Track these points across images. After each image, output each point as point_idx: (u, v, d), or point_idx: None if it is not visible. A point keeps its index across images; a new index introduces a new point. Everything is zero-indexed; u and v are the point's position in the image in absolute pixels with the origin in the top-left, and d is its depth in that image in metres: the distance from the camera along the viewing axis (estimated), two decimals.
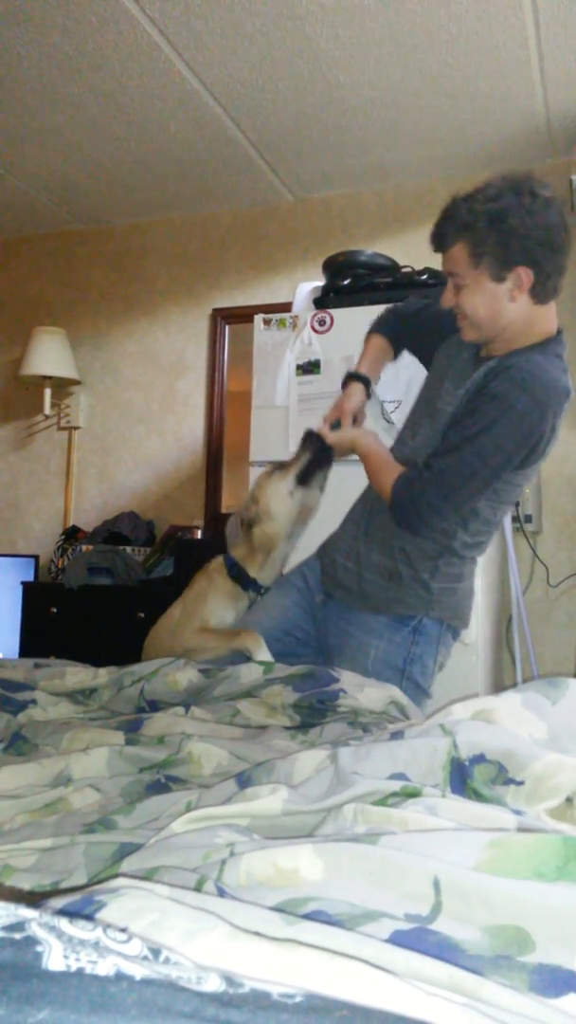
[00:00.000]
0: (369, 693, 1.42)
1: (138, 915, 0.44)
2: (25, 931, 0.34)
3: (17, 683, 1.49)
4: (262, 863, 0.60)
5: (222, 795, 0.90)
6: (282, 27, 2.44)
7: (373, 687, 1.46)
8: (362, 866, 0.56)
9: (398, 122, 2.94)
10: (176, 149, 3.16)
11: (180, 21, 2.42)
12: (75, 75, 2.70)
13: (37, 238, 3.98)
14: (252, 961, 0.39)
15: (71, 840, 0.82)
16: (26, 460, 3.89)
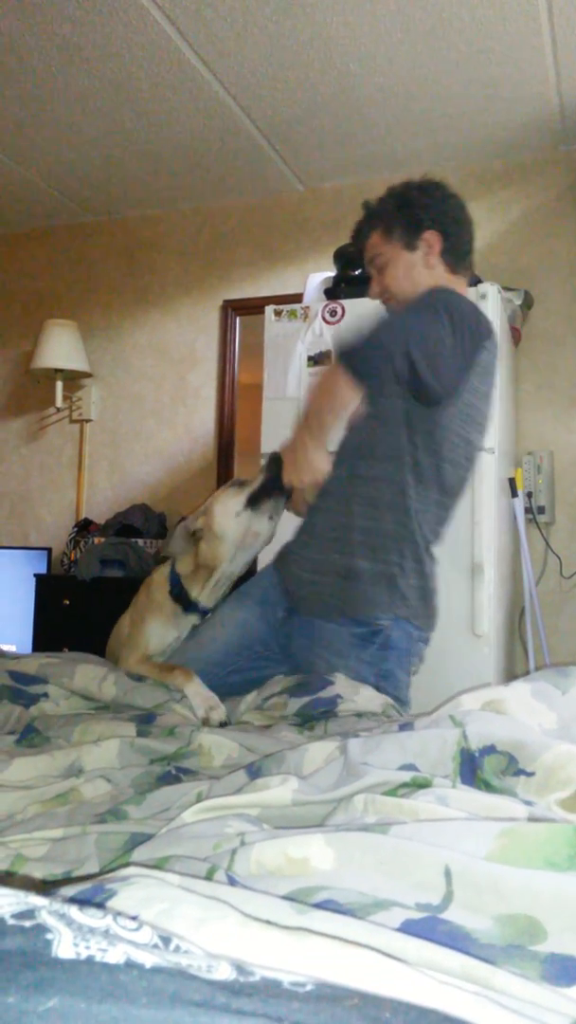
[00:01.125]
0: (365, 696, 1.42)
1: (148, 903, 0.44)
2: (35, 919, 0.34)
3: (30, 676, 1.50)
4: (273, 852, 0.60)
5: (232, 786, 0.90)
6: (292, 16, 2.43)
7: (367, 690, 1.46)
8: (373, 855, 0.56)
9: (409, 110, 2.92)
10: (186, 140, 3.15)
11: (190, 11, 2.41)
12: (85, 67, 2.70)
13: (48, 231, 3.98)
14: (263, 949, 0.39)
15: (83, 830, 0.83)
16: (38, 453, 3.91)
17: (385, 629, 1.63)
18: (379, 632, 1.62)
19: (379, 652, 1.62)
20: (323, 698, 1.39)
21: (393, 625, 1.63)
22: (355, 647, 1.62)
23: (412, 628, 1.67)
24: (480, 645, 2.43)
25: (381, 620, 1.63)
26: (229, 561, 1.70)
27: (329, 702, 1.38)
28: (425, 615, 1.70)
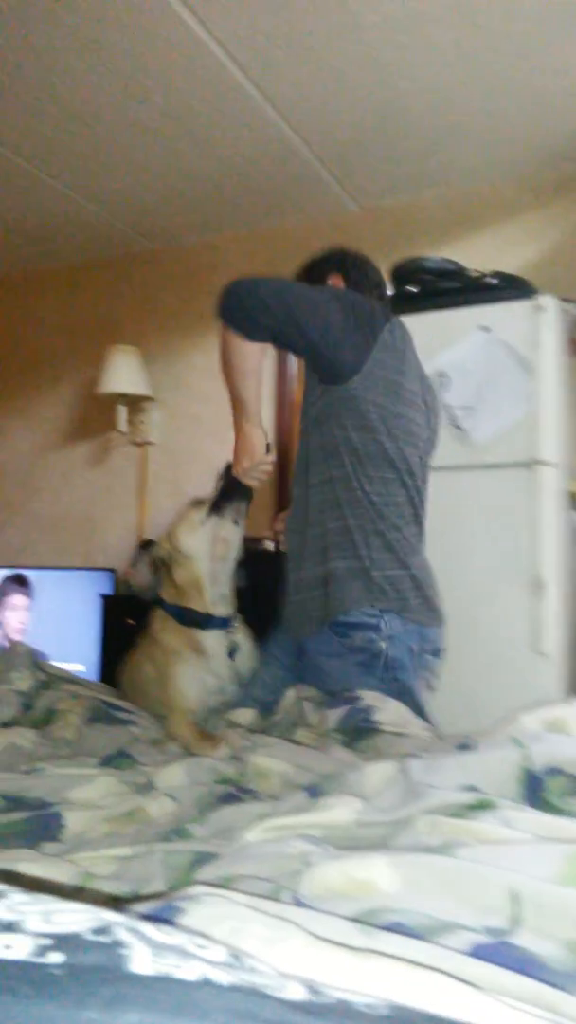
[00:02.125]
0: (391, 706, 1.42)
1: (218, 922, 0.45)
2: (111, 934, 0.35)
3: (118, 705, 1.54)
4: (337, 873, 0.60)
5: (293, 806, 0.90)
6: (344, 38, 2.46)
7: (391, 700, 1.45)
8: (438, 877, 0.56)
9: (462, 125, 2.92)
10: (243, 166, 3.21)
11: (245, 39, 2.47)
12: (144, 100, 2.78)
13: (110, 261, 4.09)
14: (332, 970, 0.40)
15: (148, 849, 0.84)
16: (102, 476, 4.00)
17: (383, 649, 1.59)
18: (378, 654, 1.59)
19: (385, 674, 1.59)
20: (359, 708, 1.39)
21: (388, 643, 1.59)
22: (361, 675, 1.58)
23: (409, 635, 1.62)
24: (544, 663, 2.38)
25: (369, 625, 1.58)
26: (210, 578, 1.65)
27: (366, 711, 1.38)
28: (419, 608, 1.65)
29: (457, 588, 2.33)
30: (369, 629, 1.59)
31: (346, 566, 1.60)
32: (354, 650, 1.59)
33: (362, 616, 1.59)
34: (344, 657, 1.60)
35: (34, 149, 3.10)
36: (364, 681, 1.56)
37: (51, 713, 1.47)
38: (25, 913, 0.35)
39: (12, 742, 1.31)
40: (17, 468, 4.21)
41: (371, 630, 1.59)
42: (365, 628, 1.59)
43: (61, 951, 0.32)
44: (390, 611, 1.60)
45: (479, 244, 3.26)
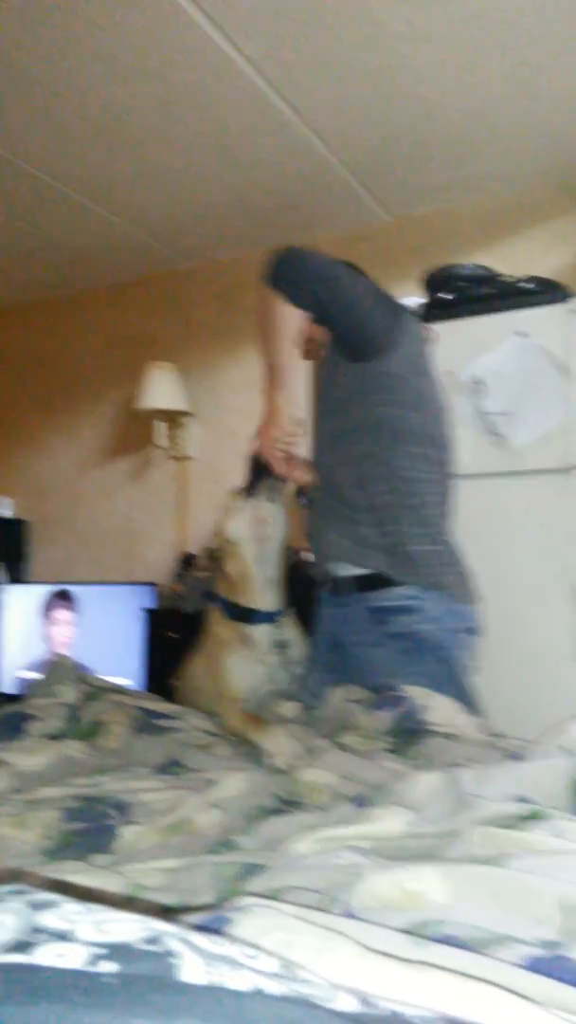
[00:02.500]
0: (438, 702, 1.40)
1: (268, 933, 0.45)
2: (162, 944, 0.35)
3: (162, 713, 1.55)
4: (387, 884, 0.60)
5: (341, 817, 0.90)
6: (372, 50, 2.47)
7: (436, 696, 1.43)
8: (490, 889, 0.55)
9: (493, 131, 2.91)
10: (275, 181, 3.23)
11: (273, 56, 2.49)
12: (177, 120, 2.82)
13: (146, 279, 4.15)
14: (384, 982, 0.39)
15: (196, 860, 0.84)
16: (142, 491, 4.04)
17: (426, 632, 1.57)
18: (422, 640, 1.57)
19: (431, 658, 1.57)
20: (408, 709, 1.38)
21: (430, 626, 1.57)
22: (408, 663, 1.56)
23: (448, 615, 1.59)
24: None
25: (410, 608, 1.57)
26: (257, 561, 1.65)
27: (415, 711, 1.36)
28: (454, 584, 1.63)
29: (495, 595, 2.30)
30: (410, 612, 1.58)
31: (386, 542, 1.60)
32: (396, 637, 1.58)
33: (402, 599, 1.58)
34: (386, 646, 1.58)
35: (70, 171, 3.17)
36: (410, 669, 1.54)
37: (97, 724, 1.49)
38: (78, 923, 0.36)
39: (62, 754, 1.32)
40: (59, 485, 4.28)
41: (412, 613, 1.58)
42: (407, 612, 1.58)
43: (113, 960, 0.33)
44: (428, 590, 1.59)
45: (513, 249, 3.23)
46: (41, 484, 4.33)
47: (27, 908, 0.37)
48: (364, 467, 1.62)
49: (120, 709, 1.53)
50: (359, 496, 1.62)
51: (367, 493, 1.61)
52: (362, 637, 1.61)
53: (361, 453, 1.63)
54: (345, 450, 1.65)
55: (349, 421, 1.65)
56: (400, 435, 1.62)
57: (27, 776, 1.24)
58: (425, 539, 1.61)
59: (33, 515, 4.32)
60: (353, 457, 1.64)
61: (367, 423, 1.62)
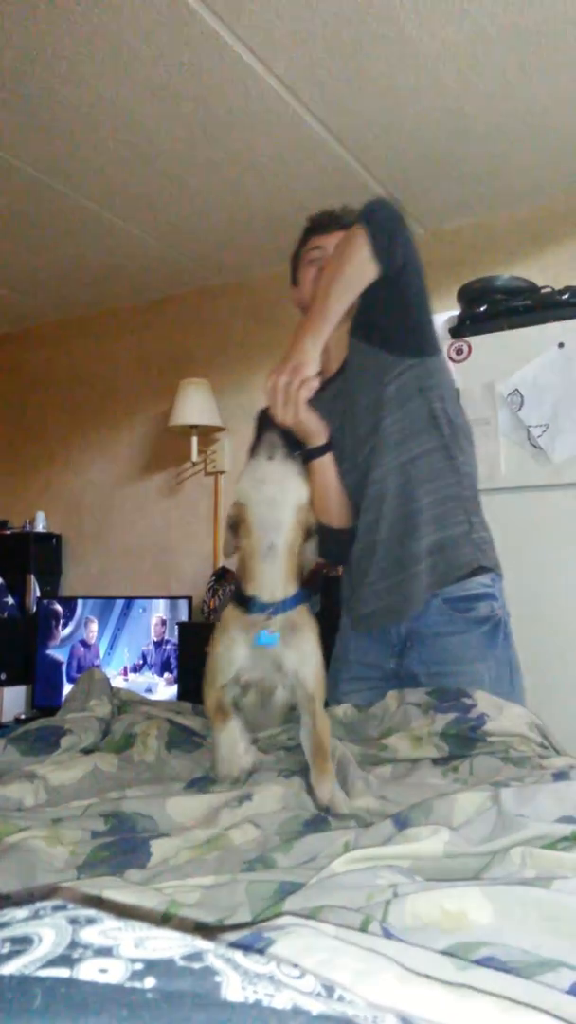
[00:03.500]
0: (509, 714, 1.36)
1: (308, 953, 0.44)
2: (203, 961, 0.35)
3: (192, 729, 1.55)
4: (428, 905, 0.59)
5: (380, 836, 0.88)
6: (404, 68, 2.48)
7: (511, 707, 1.40)
8: (535, 911, 0.54)
9: (527, 144, 2.90)
10: (307, 198, 3.25)
11: (306, 75, 2.52)
12: (209, 140, 2.86)
13: (180, 296, 4.20)
14: (426, 1005, 0.38)
15: (233, 878, 0.84)
16: (177, 506, 4.07)
17: (501, 616, 1.59)
18: (499, 623, 1.59)
19: (504, 644, 1.59)
20: (469, 716, 1.35)
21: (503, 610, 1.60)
22: (487, 647, 1.57)
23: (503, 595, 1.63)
24: None
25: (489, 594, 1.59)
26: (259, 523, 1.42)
27: (477, 720, 1.33)
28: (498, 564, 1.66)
29: (535, 608, 2.26)
30: (490, 598, 1.60)
31: (460, 531, 1.60)
32: (479, 621, 1.58)
33: (480, 586, 1.59)
34: (468, 632, 1.58)
35: (104, 191, 3.22)
36: (487, 654, 1.56)
37: (129, 737, 1.49)
38: (119, 939, 0.36)
39: (95, 767, 1.32)
40: (95, 500, 4.32)
41: (491, 599, 1.60)
42: (487, 598, 1.59)
43: (155, 976, 0.32)
44: (498, 575, 1.62)
45: (550, 261, 3.21)
46: (76, 499, 4.38)
47: (67, 923, 0.37)
48: (434, 461, 1.61)
49: (152, 722, 1.53)
50: (430, 489, 1.60)
51: (440, 485, 1.60)
52: (445, 627, 1.60)
53: (428, 448, 1.61)
54: (409, 446, 1.62)
55: (410, 417, 1.62)
56: (459, 430, 1.64)
57: (60, 790, 1.24)
58: (485, 527, 1.65)
59: (68, 530, 4.37)
60: (420, 453, 1.61)
61: (431, 418, 1.61)
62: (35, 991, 0.31)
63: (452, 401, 1.66)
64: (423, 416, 1.62)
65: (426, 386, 1.62)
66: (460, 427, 1.65)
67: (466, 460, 1.65)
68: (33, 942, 0.35)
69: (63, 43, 2.39)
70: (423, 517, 1.61)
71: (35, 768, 1.29)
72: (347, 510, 1.69)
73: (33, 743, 1.42)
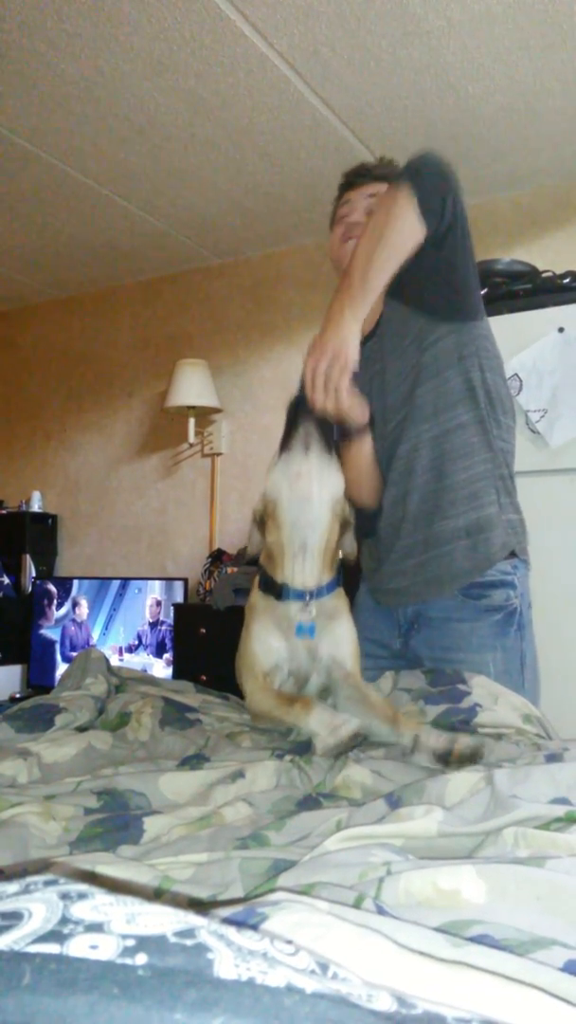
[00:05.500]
0: (504, 704, 1.35)
1: (301, 929, 0.44)
2: (195, 938, 0.35)
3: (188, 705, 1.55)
4: (422, 883, 0.59)
5: (373, 815, 0.88)
6: (408, 45, 2.45)
7: (508, 696, 1.38)
8: (529, 890, 0.54)
9: (532, 126, 2.87)
10: (307, 177, 3.22)
11: (308, 51, 2.48)
12: (209, 116, 2.82)
13: (177, 276, 4.16)
14: (421, 982, 0.38)
15: (226, 855, 0.84)
16: (173, 487, 4.06)
17: (517, 606, 1.52)
18: (513, 612, 1.52)
19: (517, 634, 1.52)
20: (461, 708, 1.34)
21: (521, 601, 1.52)
22: (497, 638, 1.51)
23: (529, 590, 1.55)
24: None
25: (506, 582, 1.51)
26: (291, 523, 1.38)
27: (468, 712, 1.32)
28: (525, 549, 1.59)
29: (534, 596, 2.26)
30: (507, 586, 1.52)
31: (491, 512, 1.52)
32: (491, 609, 1.51)
33: (498, 573, 1.52)
34: (479, 619, 1.52)
35: (102, 168, 3.19)
36: (500, 644, 1.50)
37: (124, 716, 1.49)
38: (110, 914, 0.35)
39: (89, 745, 1.32)
40: (91, 481, 4.31)
41: (508, 587, 1.52)
42: (503, 586, 1.52)
43: (147, 953, 0.32)
44: (522, 562, 1.54)
45: (552, 244, 3.19)
46: (72, 479, 4.37)
47: (58, 899, 0.36)
48: (469, 434, 1.52)
49: (147, 701, 1.53)
50: (468, 464, 1.52)
51: (477, 460, 1.52)
52: (455, 612, 1.54)
53: (464, 421, 1.52)
54: (446, 416, 1.53)
55: (447, 386, 1.52)
56: (498, 403, 1.54)
57: (53, 768, 1.24)
58: (515, 509, 1.57)
59: (64, 510, 4.36)
60: (457, 425, 1.53)
61: (462, 390, 1.52)
62: (24, 967, 0.31)
63: (494, 371, 1.55)
64: (460, 386, 1.52)
65: (465, 354, 1.52)
66: (499, 399, 1.55)
67: (502, 435, 1.55)
68: (23, 917, 0.34)
69: (63, 17, 2.35)
70: (454, 495, 1.53)
71: (29, 745, 1.29)
72: (379, 488, 1.61)
73: (28, 721, 1.42)
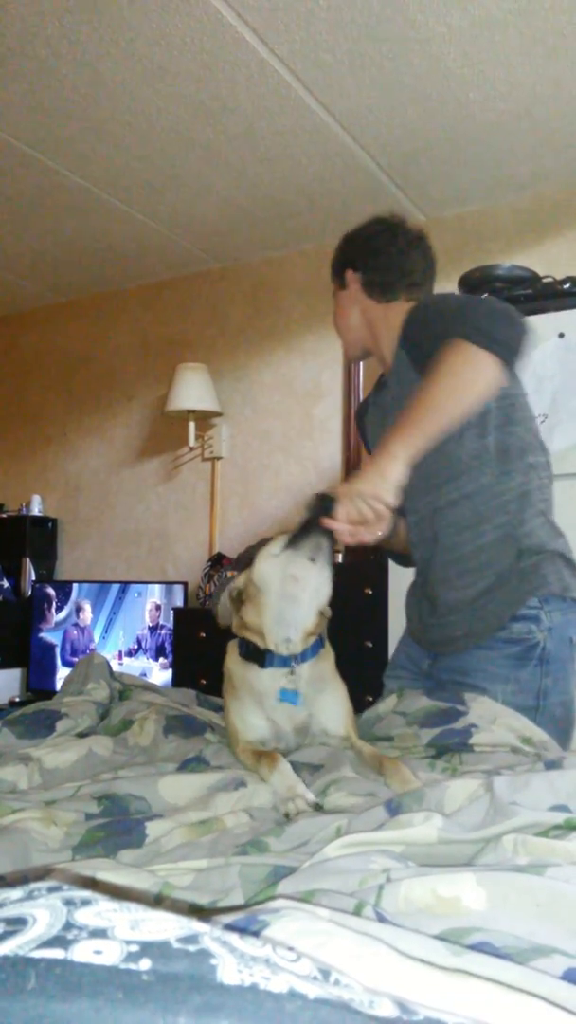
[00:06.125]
0: (502, 725, 1.35)
1: (303, 936, 0.44)
2: (199, 943, 0.35)
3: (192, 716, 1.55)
4: (422, 890, 0.59)
5: (372, 821, 0.89)
6: (409, 51, 2.46)
7: (509, 717, 1.38)
8: (529, 898, 0.54)
9: (532, 132, 2.88)
10: (308, 182, 3.23)
11: (308, 57, 2.49)
12: (210, 121, 2.83)
13: (178, 280, 4.17)
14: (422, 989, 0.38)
15: (225, 861, 0.84)
16: (174, 491, 4.06)
17: (540, 641, 1.51)
18: (534, 646, 1.51)
19: (537, 669, 1.51)
20: (456, 729, 1.34)
21: (547, 635, 1.51)
22: (513, 670, 1.51)
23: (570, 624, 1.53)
24: None
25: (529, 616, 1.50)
26: (276, 618, 1.39)
27: (463, 732, 1.33)
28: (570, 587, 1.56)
29: None
30: (529, 620, 1.52)
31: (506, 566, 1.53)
32: (509, 642, 1.53)
33: (522, 607, 1.52)
34: (495, 649, 1.53)
35: (103, 173, 3.19)
36: (513, 676, 1.50)
37: (128, 723, 1.49)
38: (114, 920, 0.36)
39: (91, 750, 1.33)
40: (91, 485, 4.31)
41: (531, 621, 1.52)
42: (525, 619, 1.52)
43: (151, 958, 0.32)
44: (559, 599, 1.53)
45: (551, 250, 3.20)
46: (72, 483, 4.37)
47: (62, 904, 0.37)
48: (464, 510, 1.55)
49: (150, 707, 1.53)
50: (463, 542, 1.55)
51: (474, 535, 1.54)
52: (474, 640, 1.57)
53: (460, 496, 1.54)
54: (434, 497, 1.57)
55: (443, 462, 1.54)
56: (524, 453, 1.56)
57: (54, 773, 1.25)
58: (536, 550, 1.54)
59: (64, 514, 4.36)
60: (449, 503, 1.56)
61: (468, 459, 1.54)
62: (29, 972, 0.31)
63: (521, 423, 1.56)
64: (465, 455, 1.53)
65: (506, 407, 1.53)
66: (528, 448, 1.55)
67: (530, 480, 1.55)
68: (27, 923, 0.35)
69: (64, 22, 2.36)
70: (468, 565, 1.55)
71: (30, 751, 1.29)
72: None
73: (29, 726, 1.43)
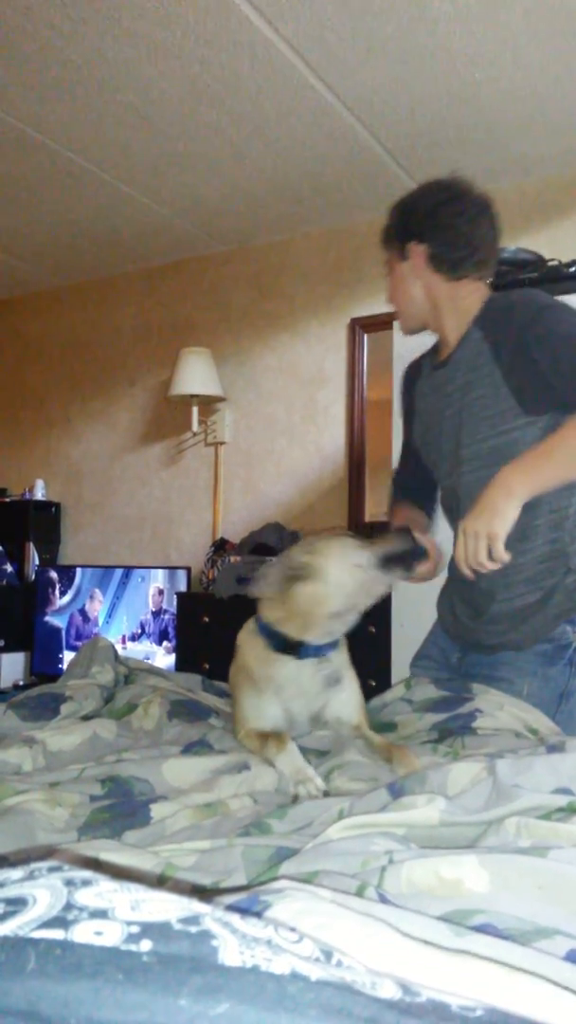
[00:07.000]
0: (508, 713, 1.35)
1: (305, 917, 0.44)
2: (200, 924, 0.35)
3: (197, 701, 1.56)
4: (424, 872, 0.59)
5: (375, 804, 0.89)
6: (414, 31, 2.43)
7: (516, 707, 1.38)
8: (531, 880, 0.54)
9: (538, 113, 2.84)
10: (312, 165, 3.20)
11: (313, 37, 2.46)
12: (214, 103, 2.80)
13: (181, 263, 4.15)
14: (425, 970, 0.38)
15: (229, 843, 0.84)
16: (177, 476, 4.05)
17: (574, 642, 1.51)
18: (566, 647, 1.51)
19: (567, 668, 1.52)
20: (460, 714, 1.35)
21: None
22: (541, 666, 1.51)
23: None
24: None
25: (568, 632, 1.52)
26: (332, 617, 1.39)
27: (467, 716, 1.33)
28: None
29: None
30: (566, 622, 1.53)
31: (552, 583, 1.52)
32: (540, 640, 1.53)
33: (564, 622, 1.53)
34: (529, 648, 1.54)
35: (105, 154, 3.17)
36: (541, 671, 1.51)
37: (132, 707, 1.50)
38: (115, 901, 0.35)
39: (95, 733, 1.33)
40: (94, 470, 4.31)
41: (568, 623, 1.53)
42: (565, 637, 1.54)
43: (151, 939, 0.32)
44: None
45: (558, 233, 3.17)
46: (75, 468, 4.37)
47: (63, 885, 0.37)
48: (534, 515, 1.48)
49: (155, 692, 1.54)
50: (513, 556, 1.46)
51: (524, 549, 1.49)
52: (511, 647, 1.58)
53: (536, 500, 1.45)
54: None
55: None
56: None
57: (58, 755, 1.25)
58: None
59: (67, 498, 4.36)
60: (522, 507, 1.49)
61: None
62: (29, 952, 0.31)
63: None
64: None
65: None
66: None
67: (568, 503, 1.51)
68: (28, 903, 0.34)
69: (66, 2, 2.33)
70: (516, 577, 1.52)
71: (34, 733, 1.30)
72: None
73: (33, 709, 1.43)
